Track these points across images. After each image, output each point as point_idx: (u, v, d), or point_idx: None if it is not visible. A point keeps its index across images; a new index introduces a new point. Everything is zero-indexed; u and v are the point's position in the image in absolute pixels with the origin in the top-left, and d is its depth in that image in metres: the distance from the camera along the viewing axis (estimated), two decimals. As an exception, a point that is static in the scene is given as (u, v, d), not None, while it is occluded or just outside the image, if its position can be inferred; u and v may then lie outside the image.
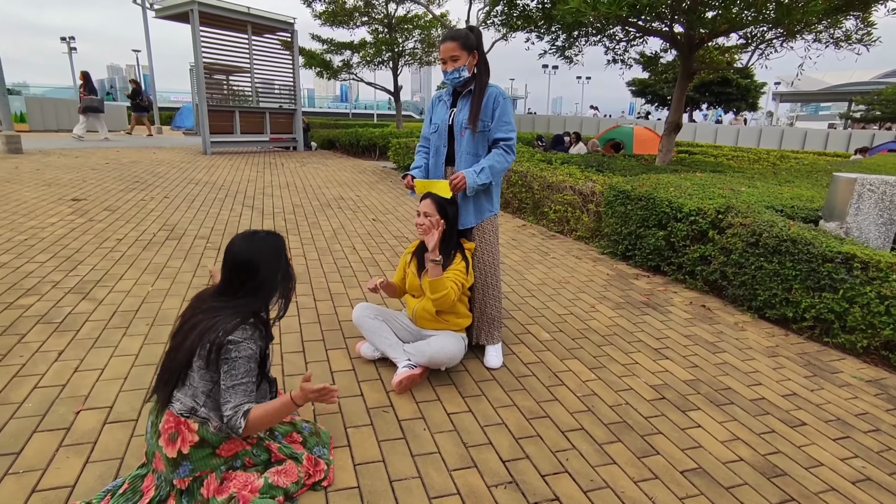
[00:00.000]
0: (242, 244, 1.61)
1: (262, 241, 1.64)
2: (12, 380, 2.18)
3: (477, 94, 2.39)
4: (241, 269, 1.60)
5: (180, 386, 1.57)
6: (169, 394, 1.56)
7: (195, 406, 1.54)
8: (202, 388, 1.55)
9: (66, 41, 36.15)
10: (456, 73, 2.36)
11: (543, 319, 3.19)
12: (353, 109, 43.71)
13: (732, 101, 27.39)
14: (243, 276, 1.60)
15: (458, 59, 2.34)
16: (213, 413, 1.55)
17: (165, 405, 1.55)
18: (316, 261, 4.07)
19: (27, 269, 3.46)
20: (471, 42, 2.34)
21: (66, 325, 2.71)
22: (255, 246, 1.62)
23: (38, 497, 1.57)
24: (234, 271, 1.61)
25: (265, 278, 1.62)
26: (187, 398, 1.55)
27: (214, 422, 1.55)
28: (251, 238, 1.64)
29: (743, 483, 1.84)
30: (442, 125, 2.50)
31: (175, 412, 1.53)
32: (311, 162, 10.54)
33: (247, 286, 1.61)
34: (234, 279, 1.61)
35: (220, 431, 1.55)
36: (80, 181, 6.71)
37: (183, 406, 1.54)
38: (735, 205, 3.69)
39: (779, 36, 7.12)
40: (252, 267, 1.60)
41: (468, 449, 1.93)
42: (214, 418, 1.55)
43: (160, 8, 11.48)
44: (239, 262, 1.59)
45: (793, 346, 3.02)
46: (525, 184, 6.07)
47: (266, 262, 1.62)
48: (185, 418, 1.52)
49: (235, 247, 1.61)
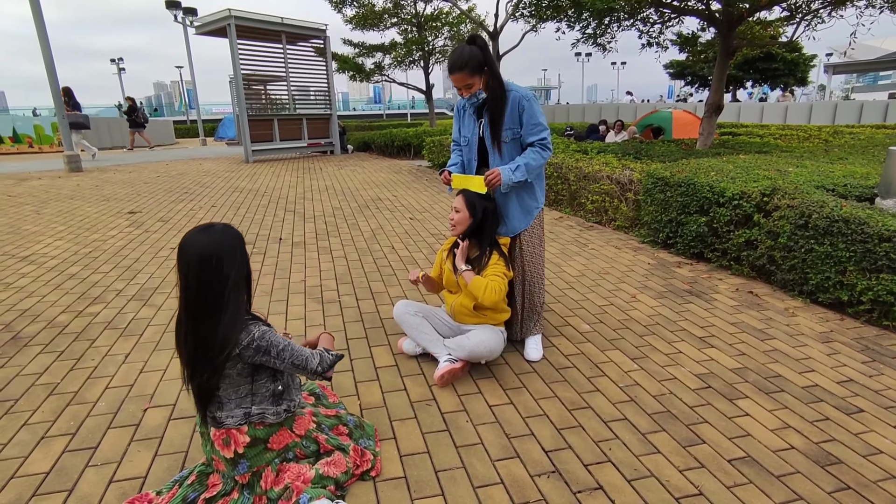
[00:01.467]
0: (200, 238, 1.51)
1: (220, 233, 1.53)
2: (87, 381, 2.37)
3: (497, 114, 2.34)
4: (205, 262, 1.49)
5: (220, 406, 1.60)
6: (208, 414, 1.62)
7: (247, 411, 1.61)
8: (244, 391, 1.61)
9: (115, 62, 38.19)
10: (474, 98, 2.36)
11: (583, 311, 3.18)
12: (387, 110, 44.19)
13: (779, 76, 25.99)
14: (209, 270, 1.49)
15: (472, 85, 2.29)
16: (265, 405, 1.64)
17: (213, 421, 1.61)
18: (357, 261, 4.19)
19: (93, 280, 3.72)
20: (477, 63, 2.24)
21: (130, 329, 2.92)
22: (214, 238, 1.51)
23: (115, 487, 1.72)
24: (197, 266, 1.48)
25: (229, 271, 1.51)
26: (236, 410, 1.60)
27: (271, 411, 1.64)
28: (208, 231, 1.53)
29: (795, 471, 1.79)
30: (472, 138, 2.51)
31: (226, 427, 1.59)
32: (349, 165, 10.76)
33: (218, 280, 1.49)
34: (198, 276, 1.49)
35: (276, 418, 1.64)
36: (135, 195, 7.12)
37: (234, 419, 1.60)
38: (782, 186, 3.55)
39: (826, 5, 6.75)
40: (215, 260, 1.49)
41: (510, 440, 1.96)
42: (269, 408, 1.64)
43: (199, 24, 11.97)
44: (202, 256, 1.48)
45: (849, 330, 2.90)
46: (560, 175, 6.01)
47: (228, 254, 1.52)
48: (239, 427, 1.60)
49: (195, 241, 1.50)
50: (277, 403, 1.66)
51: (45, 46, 8.98)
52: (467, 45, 2.28)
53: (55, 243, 4.65)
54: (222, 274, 1.50)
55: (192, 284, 1.49)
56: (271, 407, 1.65)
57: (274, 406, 1.65)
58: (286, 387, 1.70)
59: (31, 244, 4.63)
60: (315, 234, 5.04)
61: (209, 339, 1.51)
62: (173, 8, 18.82)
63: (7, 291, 3.48)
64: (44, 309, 3.19)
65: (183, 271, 1.49)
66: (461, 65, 2.24)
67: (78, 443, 1.93)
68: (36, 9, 8.81)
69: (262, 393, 1.63)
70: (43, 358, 2.58)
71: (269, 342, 1.58)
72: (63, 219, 5.62)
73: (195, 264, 1.48)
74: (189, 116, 32.01)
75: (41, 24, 8.90)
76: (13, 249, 4.46)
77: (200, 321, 1.51)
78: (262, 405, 1.64)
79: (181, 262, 1.50)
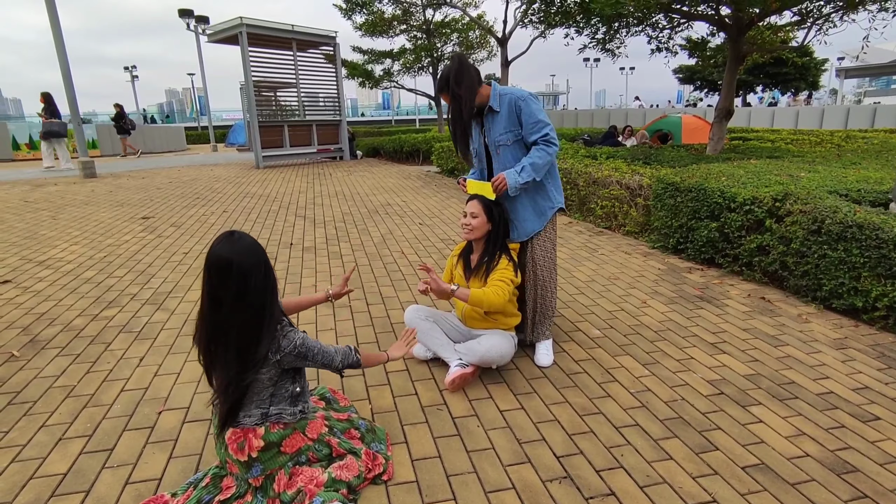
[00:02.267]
0: (224, 247, 1.54)
1: (240, 241, 1.56)
2: (102, 384, 2.40)
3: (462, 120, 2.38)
4: (225, 271, 1.52)
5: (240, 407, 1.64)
6: (228, 419, 1.63)
7: (264, 411, 1.64)
8: (266, 394, 1.64)
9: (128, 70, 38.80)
10: None
11: (593, 316, 3.17)
12: (396, 116, 44.44)
13: (790, 81, 25.83)
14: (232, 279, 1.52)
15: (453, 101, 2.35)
16: (282, 404, 1.67)
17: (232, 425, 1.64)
18: (366, 266, 4.21)
19: (108, 284, 3.78)
20: (444, 86, 2.32)
21: (144, 333, 2.95)
22: (236, 247, 1.54)
23: (130, 488, 1.74)
24: (219, 274, 1.53)
25: (254, 281, 1.55)
26: (255, 410, 1.64)
27: (288, 412, 1.67)
28: (230, 239, 1.56)
29: (810, 479, 1.77)
30: (480, 147, 2.55)
31: (243, 427, 1.62)
32: (358, 170, 10.83)
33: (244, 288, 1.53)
34: (221, 284, 1.53)
35: (292, 418, 1.68)
36: (148, 200, 7.21)
37: (252, 419, 1.63)
38: (794, 191, 3.53)
39: (838, 9, 6.71)
40: (238, 269, 1.52)
41: (522, 445, 1.96)
42: (287, 408, 1.67)
43: (212, 32, 12.15)
44: (223, 265, 1.52)
45: (864, 337, 2.86)
46: (570, 180, 6.01)
47: (252, 263, 1.55)
48: (254, 427, 1.62)
49: (219, 250, 1.54)
50: (294, 404, 1.70)
51: (63, 56, 9.16)
52: (444, 72, 2.38)
53: (71, 248, 4.73)
54: (261, 283, 1.56)
55: (230, 296, 1.52)
56: (289, 407, 1.68)
57: (291, 406, 1.69)
58: (303, 389, 1.74)
59: (48, 249, 4.70)
60: (325, 239, 5.08)
61: (249, 348, 1.57)
62: (186, 16, 19.12)
63: (25, 295, 3.54)
64: (60, 312, 3.24)
65: (215, 283, 1.52)
66: (442, 87, 2.37)
67: (94, 444, 1.96)
68: (54, 19, 9.00)
69: (281, 394, 1.67)
70: (60, 361, 2.63)
71: (308, 347, 1.66)
72: (78, 224, 5.71)
73: (237, 275, 1.51)
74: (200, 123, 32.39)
75: (59, 35, 9.08)
76: (31, 254, 4.54)
77: (241, 331, 1.55)
78: (280, 405, 1.67)
79: (214, 275, 1.52)
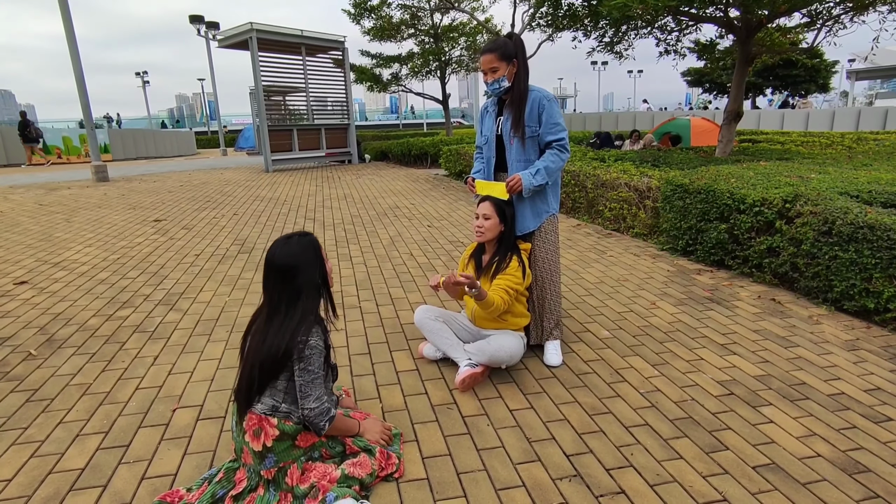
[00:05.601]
0: (283, 249, 1.70)
1: (297, 244, 1.72)
2: (118, 382, 2.44)
3: (516, 104, 2.42)
4: (285, 272, 1.69)
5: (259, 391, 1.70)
6: (248, 401, 1.69)
7: (276, 404, 1.69)
8: (280, 386, 1.69)
9: (139, 76, 39.27)
10: (496, 84, 2.42)
11: (602, 318, 3.17)
12: (404, 120, 44.62)
13: (800, 83, 25.63)
14: (288, 279, 1.69)
15: (497, 69, 2.38)
16: (293, 407, 1.70)
17: (247, 408, 1.70)
18: (376, 267, 4.24)
19: (122, 285, 3.83)
20: (509, 51, 2.37)
21: (158, 333, 3.00)
22: (293, 249, 1.70)
23: (146, 483, 1.77)
24: (278, 276, 1.70)
25: (309, 277, 1.71)
26: (268, 398, 1.69)
27: (296, 415, 1.69)
28: (287, 242, 1.72)
29: (821, 479, 1.77)
30: (490, 136, 2.57)
31: (258, 412, 1.68)
32: (366, 174, 10.89)
33: (292, 288, 1.69)
34: (278, 284, 1.69)
35: (299, 423, 1.69)
36: (160, 203, 7.30)
37: (265, 406, 1.69)
38: (804, 192, 3.52)
39: (847, 10, 6.68)
40: (294, 269, 1.68)
41: (531, 444, 1.97)
42: (296, 411, 1.69)
43: (222, 38, 12.29)
44: (281, 267, 1.69)
45: (876, 338, 2.85)
46: (578, 183, 6.01)
47: (306, 263, 1.71)
48: (267, 416, 1.67)
49: (276, 253, 1.70)
50: None
51: (77, 63, 9.32)
52: (506, 36, 2.44)
53: (85, 250, 4.80)
54: (298, 281, 1.69)
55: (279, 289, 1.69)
56: (298, 411, 1.70)
57: (299, 411, 1.70)
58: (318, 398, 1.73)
59: (63, 251, 4.78)
60: (335, 242, 5.12)
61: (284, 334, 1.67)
62: (197, 22, 19.37)
63: (41, 296, 3.61)
64: (76, 312, 3.30)
65: (270, 277, 1.71)
66: (493, 47, 2.39)
67: (111, 441, 2.00)
68: (69, 28, 9.15)
69: (293, 394, 1.69)
70: (76, 359, 2.67)
71: (309, 353, 1.67)
72: (92, 226, 5.79)
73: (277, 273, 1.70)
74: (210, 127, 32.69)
75: (73, 43, 9.23)
76: (46, 256, 4.62)
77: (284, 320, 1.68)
78: (292, 406, 1.69)
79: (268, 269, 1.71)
